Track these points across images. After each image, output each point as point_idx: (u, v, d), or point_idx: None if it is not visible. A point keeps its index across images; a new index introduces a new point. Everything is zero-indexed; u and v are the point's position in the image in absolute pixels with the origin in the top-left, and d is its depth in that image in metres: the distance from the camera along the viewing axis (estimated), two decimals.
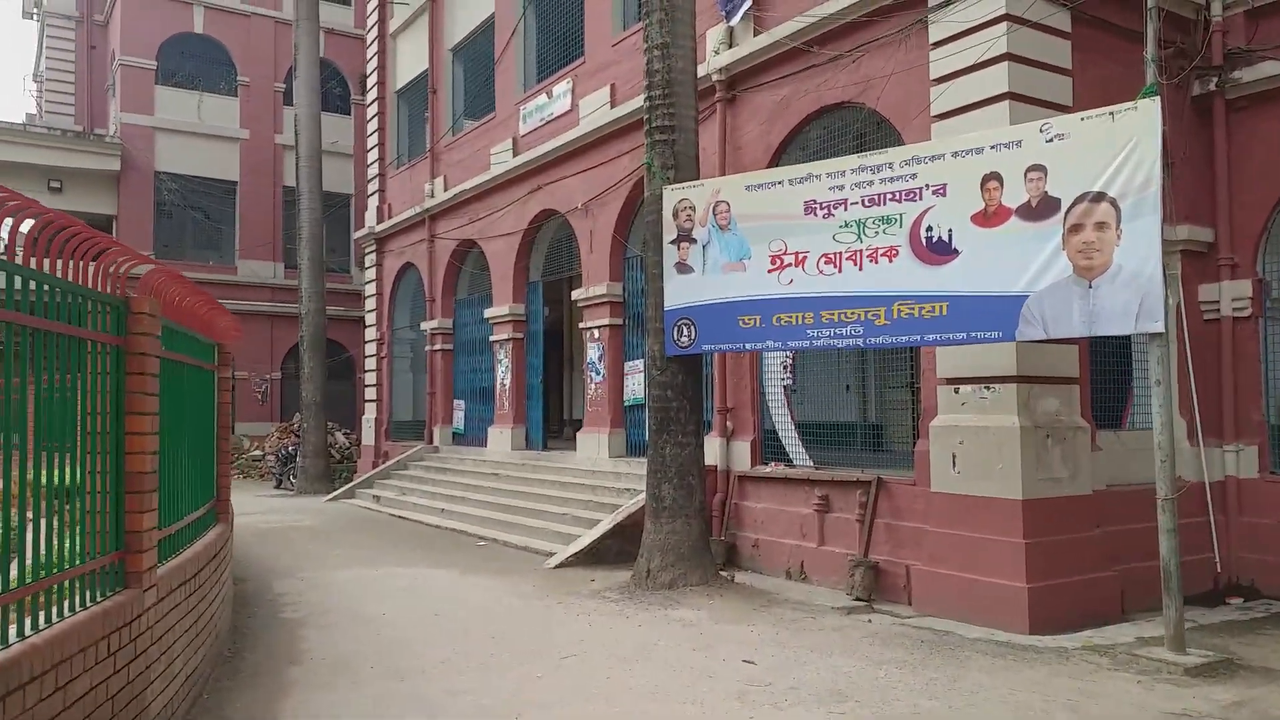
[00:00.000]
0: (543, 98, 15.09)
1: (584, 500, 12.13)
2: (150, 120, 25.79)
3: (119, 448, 4.34)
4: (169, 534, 5.20)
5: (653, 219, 9.17)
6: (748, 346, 8.55)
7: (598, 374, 13.71)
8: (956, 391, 8.48)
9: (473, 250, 17.42)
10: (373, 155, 20.88)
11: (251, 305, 26.44)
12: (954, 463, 8.35)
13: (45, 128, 25.58)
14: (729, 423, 11.02)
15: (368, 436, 20.78)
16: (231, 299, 26.26)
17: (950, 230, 7.45)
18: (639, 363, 13.11)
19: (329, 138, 26.87)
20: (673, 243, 8.97)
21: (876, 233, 7.80)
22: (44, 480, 3.65)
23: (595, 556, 10.48)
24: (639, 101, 12.15)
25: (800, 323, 8.14)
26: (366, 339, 21.13)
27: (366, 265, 21.18)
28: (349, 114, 28.09)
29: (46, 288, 3.60)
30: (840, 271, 7.96)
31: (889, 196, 7.76)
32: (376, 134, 20.65)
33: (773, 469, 10.53)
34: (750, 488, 10.78)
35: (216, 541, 6.70)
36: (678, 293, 8.93)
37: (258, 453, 23.37)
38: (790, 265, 8.22)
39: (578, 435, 14.10)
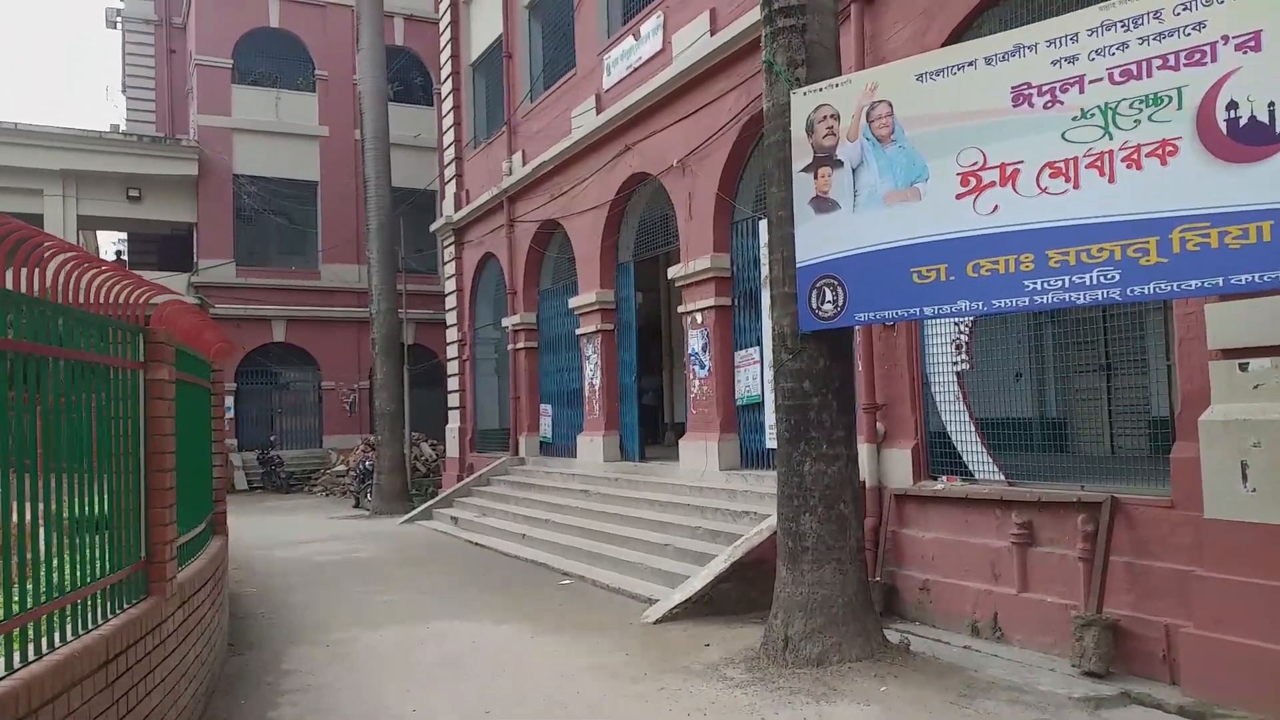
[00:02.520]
0: (629, 41, 12.50)
1: (690, 526, 9.45)
2: (228, 121, 24.36)
3: (141, 464, 4.53)
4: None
5: (777, 140, 6.42)
6: (927, 312, 5.71)
7: (702, 367, 11.01)
8: (1243, 369, 5.51)
9: (556, 233, 14.96)
10: (449, 138, 18.69)
11: (337, 311, 24.79)
12: (1244, 476, 5.39)
13: (122, 134, 24.43)
14: (880, 424, 8.18)
15: (452, 448, 18.58)
16: (315, 305, 24.73)
17: (1273, 106, 4.50)
18: (754, 351, 10.35)
19: (411, 129, 25.11)
20: (807, 169, 6.20)
21: (1137, 121, 4.88)
22: (75, 497, 3.75)
23: (709, 606, 7.79)
24: (746, 21, 9.45)
25: (1013, 270, 5.26)
26: (448, 340, 18.94)
27: (445, 260, 19.00)
28: (432, 105, 26.16)
29: (73, 322, 3.78)
30: (1076, 186, 5.06)
31: (1156, 63, 4.83)
32: (452, 114, 18.44)
33: (946, 485, 7.64)
34: (913, 511, 7.92)
35: (216, 557, 6.49)
36: (816, 240, 6.16)
37: (342, 468, 21.50)
38: (993, 185, 5.36)
39: (680, 443, 11.44)
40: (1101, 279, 4.95)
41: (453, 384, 18.54)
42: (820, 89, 6.17)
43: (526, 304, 15.73)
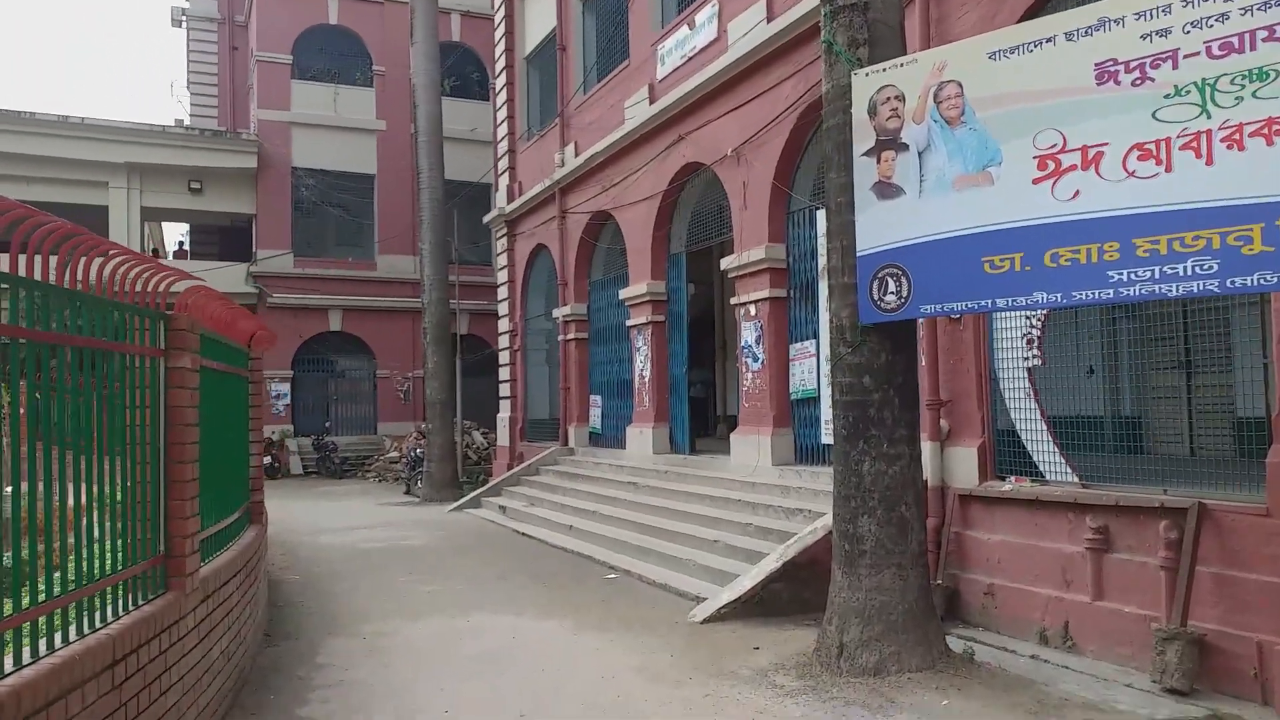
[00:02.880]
0: (683, 30, 12.14)
1: (741, 523, 9.10)
2: (287, 116, 24.48)
3: (161, 455, 4.35)
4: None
5: (837, 123, 6.03)
6: (999, 304, 5.29)
7: (755, 360, 10.64)
8: None
9: (607, 224, 14.67)
10: (502, 131, 18.50)
11: (392, 301, 24.81)
12: None
13: (184, 129, 24.70)
14: (943, 421, 7.76)
15: (502, 437, 18.43)
16: (371, 295, 24.78)
17: None
18: (809, 344, 9.96)
19: (467, 124, 25.05)
20: (869, 153, 5.81)
21: (1239, 99, 4.42)
22: (96, 488, 3.65)
23: (760, 607, 7.44)
24: (804, 7, 9.06)
25: (1096, 260, 4.83)
26: (500, 331, 18.78)
27: (498, 251, 18.83)
28: (487, 100, 26.04)
29: (83, 307, 3.61)
30: (1169, 170, 4.62)
31: (1262, 35, 4.38)
32: (505, 106, 18.24)
33: (1014, 486, 7.20)
34: (979, 512, 7.48)
35: (249, 548, 6.25)
36: (879, 228, 5.76)
37: (394, 454, 21.50)
38: (1073, 169, 4.92)
39: (731, 436, 11.08)
40: (1197, 269, 4.50)
41: (504, 374, 18.39)
42: (884, 69, 5.77)
43: (577, 295, 15.48)
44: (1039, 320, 7.22)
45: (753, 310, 10.64)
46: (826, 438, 9.69)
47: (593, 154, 14.06)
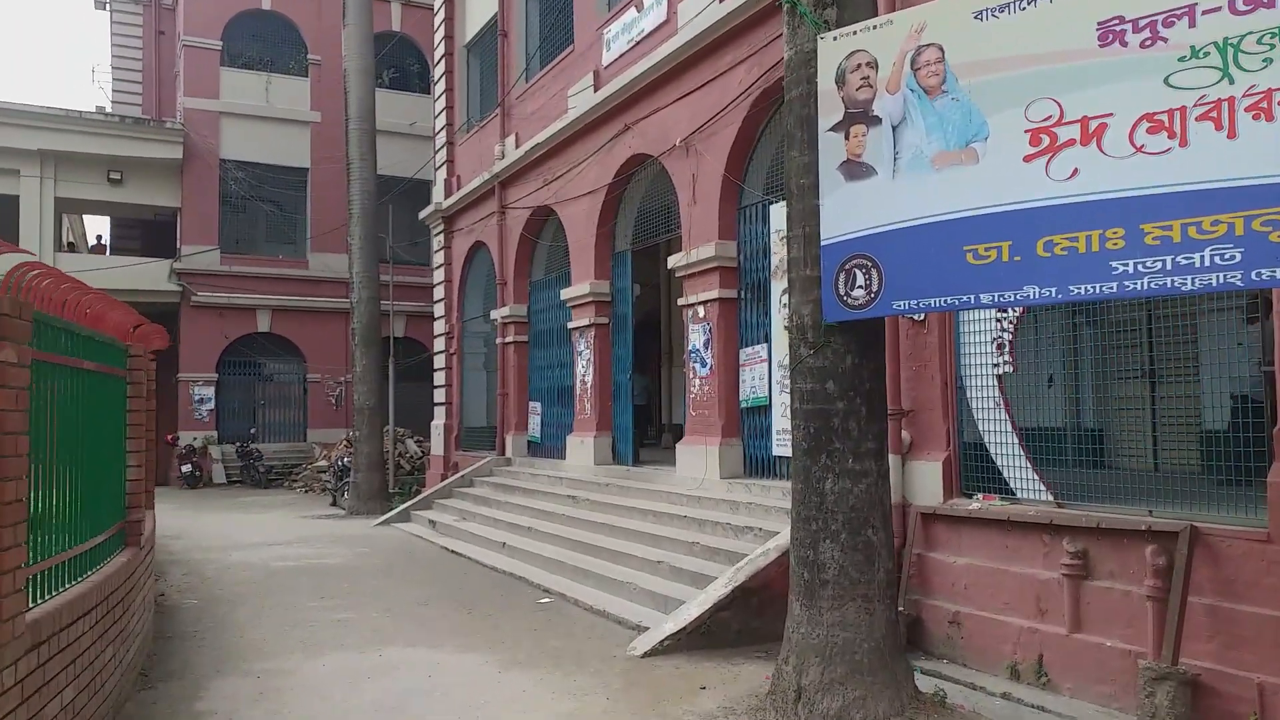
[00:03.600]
0: (630, 13, 11.41)
1: (687, 541, 8.35)
2: (215, 105, 23.22)
3: None
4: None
5: (799, 94, 5.32)
6: (984, 300, 4.62)
7: (703, 365, 9.92)
8: None
9: (549, 220, 13.86)
10: (440, 122, 17.58)
11: (324, 301, 23.65)
12: None
13: (103, 115, 23.26)
14: (905, 433, 7.10)
15: (437, 445, 17.46)
16: (302, 295, 23.65)
17: None
18: (760, 349, 9.27)
19: (407, 117, 24.01)
20: (836, 128, 5.10)
21: (1268, 60, 3.80)
22: None
23: (706, 638, 6.69)
24: None
25: (1097, 248, 4.17)
26: (435, 334, 17.83)
27: (435, 248, 17.89)
28: (428, 92, 25.01)
29: None
30: (1184, 144, 3.98)
31: None
32: (444, 96, 17.33)
33: (982, 504, 6.57)
34: (943, 533, 6.83)
35: (115, 576, 5.23)
36: (846, 212, 5.06)
37: (323, 463, 20.36)
38: (1072, 143, 4.26)
39: (678, 447, 10.34)
40: (1217, 259, 3.86)
41: (439, 378, 17.44)
42: (854, 32, 5.07)
43: (517, 295, 14.63)
44: (1011, 323, 6.60)
45: (701, 312, 9.92)
46: (779, 449, 9.01)
47: (534, 145, 13.25)
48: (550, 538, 10.17)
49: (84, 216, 29.92)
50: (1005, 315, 6.62)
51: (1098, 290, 4.18)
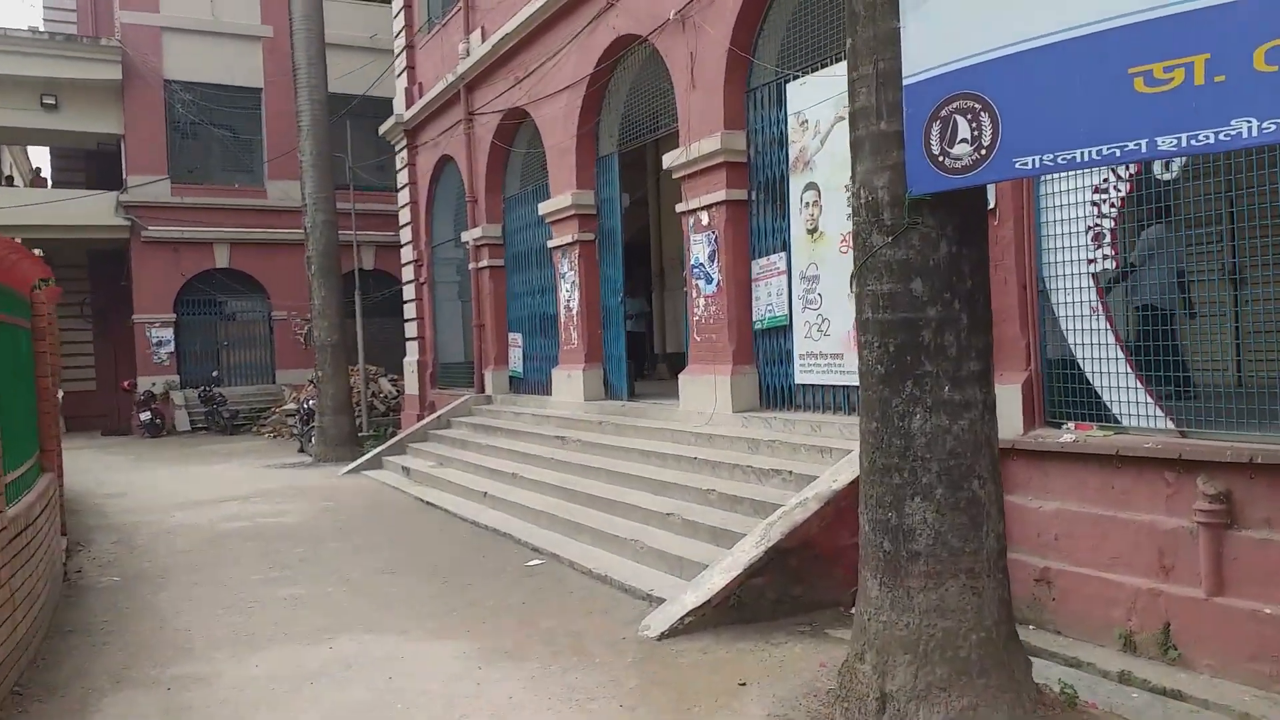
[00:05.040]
0: None
1: (700, 489, 6.95)
2: (156, 19, 20.99)
3: None
4: None
5: None
6: (1164, 147, 3.12)
7: (708, 282, 8.42)
8: None
9: (523, 124, 12.16)
10: (399, 24, 15.65)
11: (286, 234, 21.67)
12: None
13: (31, 31, 21.01)
14: None
15: (410, 384, 15.98)
16: (262, 227, 21.84)
17: None
18: (777, 258, 7.79)
19: (367, 29, 21.88)
20: None
21: None
22: None
23: (737, 612, 5.33)
24: None
25: None
26: (402, 261, 16.19)
27: (398, 167, 16.12)
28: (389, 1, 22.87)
29: None
30: None
31: None
32: None
33: (1077, 436, 5.18)
34: (1025, 471, 5.45)
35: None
36: (943, 36, 3.53)
37: (291, 407, 18.82)
38: None
39: (680, 378, 8.89)
40: None
41: (409, 311, 15.86)
42: None
43: (490, 214, 13.00)
44: (1114, 203, 5.13)
45: (705, 218, 8.38)
46: (802, 376, 7.60)
47: (503, 36, 11.47)
48: (538, 485, 8.78)
49: (27, 149, 27.74)
50: (1105, 194, 5.15)
51: None
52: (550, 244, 11.23)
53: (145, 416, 19.46)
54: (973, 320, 3.73)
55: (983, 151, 3.45)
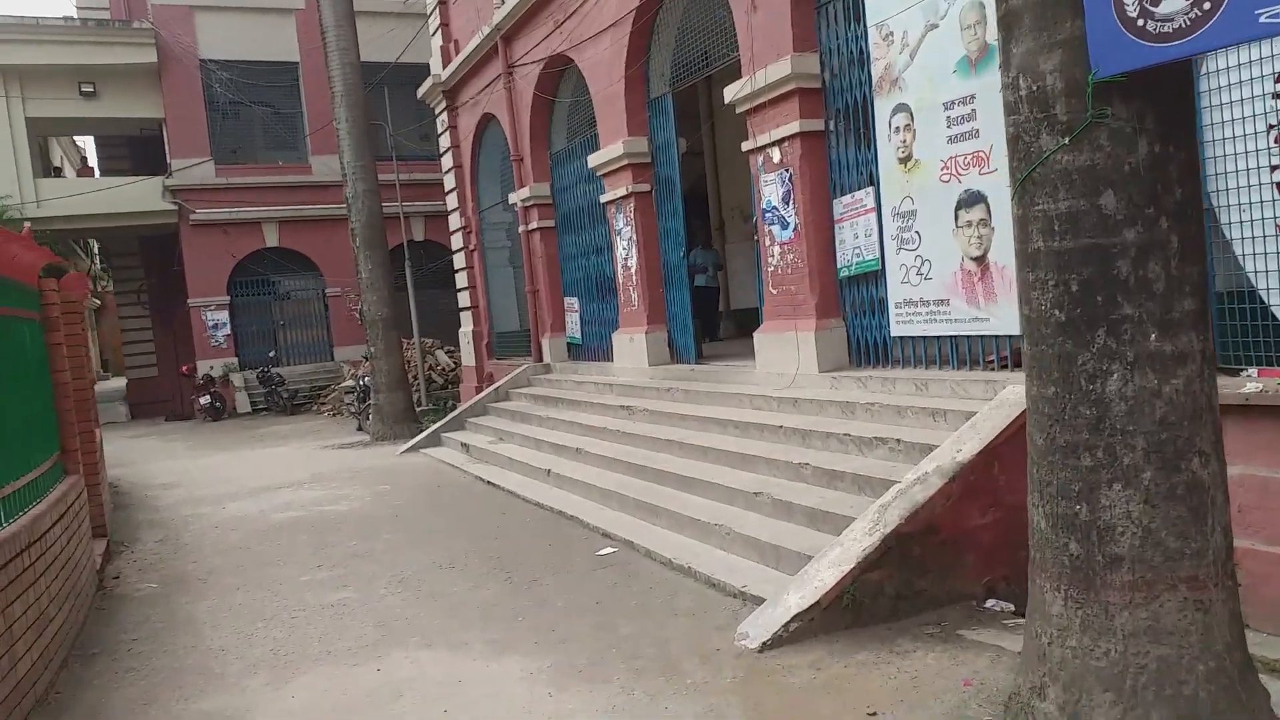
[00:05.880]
0: None
1: (792, 462, 6.04)
2: None
3: None
4: None
5: None
6: None
7: (784, 228, 7.44)
8: None
9: (567, 72, 11.21)
10: None
11: (333, 209, 21.01)
12: None
13: (64, 19, 20.55)
14: None
15: (467, 356, 15.30)
16: (309, 204, 21.32)
17: None
18: (864, 195, 6.78)
19: None
20: None
21: None
22: None
23: (852, 614, 4.43)
24: None
25: None
26: (451, 229, 15.42)
27: (440, 131, 15.29)
28: None
29: None
30: None
31: None
32: None
33: (1264, 385, 4.15)
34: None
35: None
36: None
37: (350, 384, 18.31)
38: None
39: (756, 336, 7.95)
40: None
41: (461, 280, 15.12)
42: None
43: (537, 172, 12.11)
44: None
45: (776, 155, 7.37)
46: (899, 328, 6.62)
47: None
48: (605, 461, 7.97)
49: (75, 140, 27.61)
50: None
51: None
52: (603, 199, 10.31)
53: (205, 400, 19.17)
54: (1185, 244, 2.74)
55: (1205, 6, 2.44)
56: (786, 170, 7.26)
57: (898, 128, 6.38)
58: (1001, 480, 4.84)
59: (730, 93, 7.69)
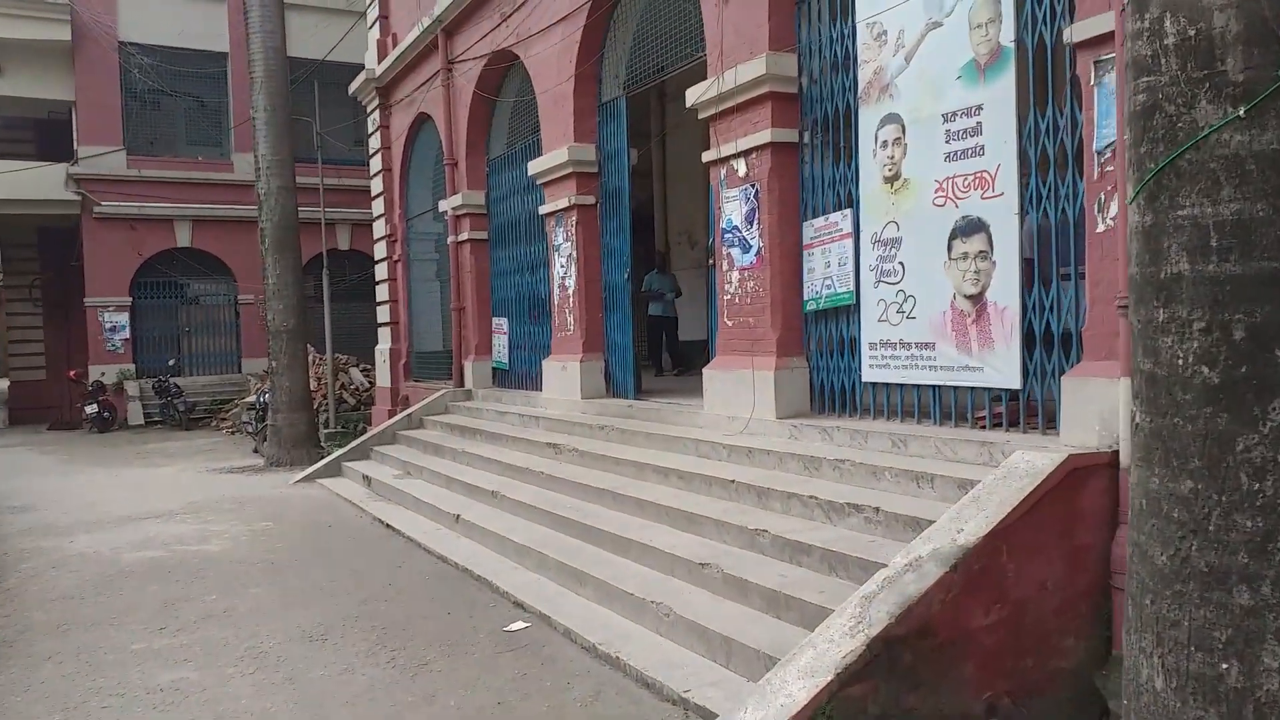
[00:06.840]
0: None
1: (745, 526, 5.00)
2: None
3: None
4: None
5: None
6: None
7: (745, 251, 6.47)
8: None
9: (512, 70, 10.17)
10: None
11: (252, 211, 19.41)
12: None
13: None
14: None
15: (382, 376, 14.00)
16: (228, 203, 19.79)
17: None
18: (840, 218, 5.84)
19: None
20: None
21: None
22: None
23: None
24: None
25: None
26: (375, 237, 14.18)
27: (370, 131, 14.08)
28: None
29: None
30: None
31: None
32: None
33: None
34: None
35: None
36: None
37: (253, 399, 16.78)
38: None
39: (706, 373, 6.94)
40: None
41: (382, 292, 13.87)
42: None
43: (472, 179, 11.00)
44: None
45: (742, 168, 6.42)
46: (872, 372, 5.68)
47: None
48: (524, 509, 6.84)
49: None
50: None
51: None
52: (542, 210, 9.26)
53: (92, 410, 17.38)
54: None
55: None
56: (752, 186, 6.30)
57: (885, 141, 5.49)
58: (1011, 570, 3.89)
59: (693, 95, 6.72)
